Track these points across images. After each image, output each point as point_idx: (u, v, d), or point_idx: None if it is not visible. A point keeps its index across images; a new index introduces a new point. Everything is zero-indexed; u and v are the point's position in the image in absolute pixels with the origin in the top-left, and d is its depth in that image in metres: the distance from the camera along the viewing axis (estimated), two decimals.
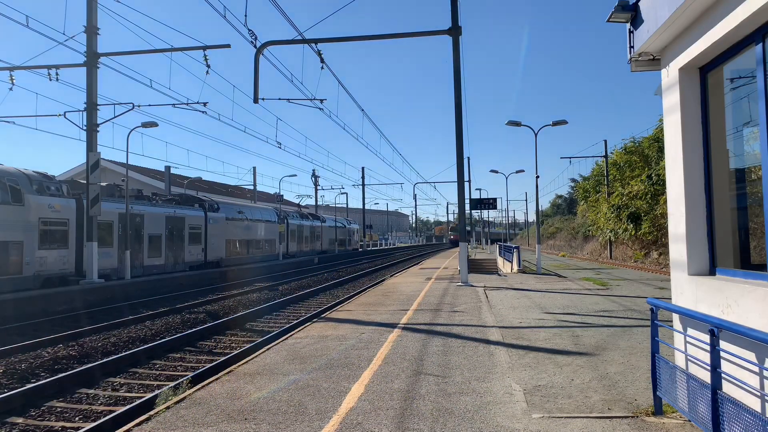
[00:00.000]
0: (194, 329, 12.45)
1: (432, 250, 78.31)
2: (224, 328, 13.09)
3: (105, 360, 9.49)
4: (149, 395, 7.27)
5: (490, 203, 37.29)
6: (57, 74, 19.70)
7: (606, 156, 45.00)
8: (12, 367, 9.12)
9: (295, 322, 13.53)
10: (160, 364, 9.70)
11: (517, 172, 53.14)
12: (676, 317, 5.01)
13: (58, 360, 9.77)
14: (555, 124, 25.84)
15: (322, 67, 17.58)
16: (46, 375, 8.80)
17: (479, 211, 55.33)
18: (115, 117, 21.50)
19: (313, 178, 59.24)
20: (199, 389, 5.96)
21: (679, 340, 4.97)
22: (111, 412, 6.86)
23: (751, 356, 3.67)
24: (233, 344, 11.53)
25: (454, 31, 17.42)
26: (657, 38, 5.09)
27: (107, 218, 21.90)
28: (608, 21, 5.72)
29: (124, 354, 9.89)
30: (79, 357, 10.11)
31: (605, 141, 48.40)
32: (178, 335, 11.68)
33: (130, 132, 22.85)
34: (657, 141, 35.62)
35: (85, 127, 20.62)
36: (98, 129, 20.72)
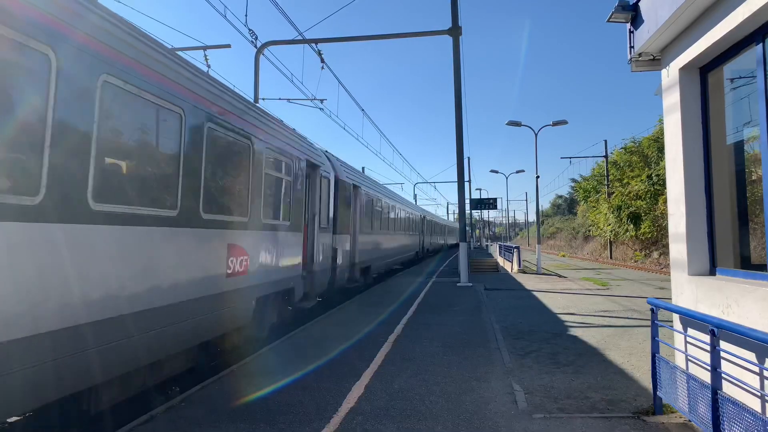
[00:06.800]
0: None
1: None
2: None
3: None
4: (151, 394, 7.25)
5: (490, 203, 37.33)
6: None
7: (606, 156, 44.99)
8: None
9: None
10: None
11: (517, 172, 53.16)
12: (676, 317, 5.01)
13: None
14: (555, 124, 25.85)
15: (322, 67, 17.60)
16: None
17: (479, 211, 55.32)
18: None
19: None
20: (199, 389, 5.97)
21: (679, 340, 4.97)
22: (111, 411, 6.86)
23: (751, 356, 3.68)
24: None
25: (454, 31, 17.42)
26: (657, 38, 5.09)
27: None
28: (608, 21, 5.73)
29: None
30: None
31: (605, 141, 48.49)
32: None
33: None
34: (657, 141, 35.63)
35: None
36: None
